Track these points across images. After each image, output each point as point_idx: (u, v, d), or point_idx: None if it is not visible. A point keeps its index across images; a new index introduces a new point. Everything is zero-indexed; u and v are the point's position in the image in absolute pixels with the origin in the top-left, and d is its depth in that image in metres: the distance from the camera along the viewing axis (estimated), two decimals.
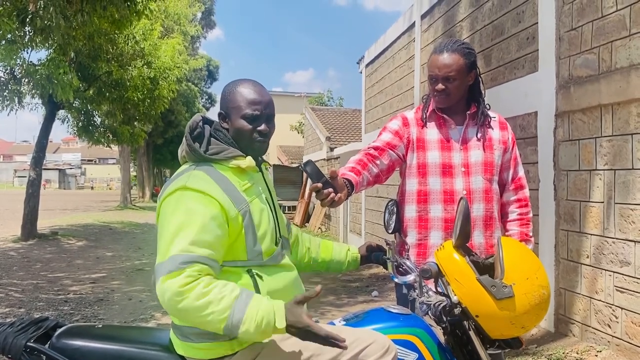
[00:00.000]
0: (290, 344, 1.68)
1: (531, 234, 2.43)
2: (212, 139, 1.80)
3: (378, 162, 2.30)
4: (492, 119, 2.40)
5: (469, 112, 2.35)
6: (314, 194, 1.94)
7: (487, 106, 2.40)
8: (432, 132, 2.35)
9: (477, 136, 2.34)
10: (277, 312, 1.57)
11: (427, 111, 2.38)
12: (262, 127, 1.78)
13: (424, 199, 2.32)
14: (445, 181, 2.30)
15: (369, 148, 2.35)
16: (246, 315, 1.55)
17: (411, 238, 2.34)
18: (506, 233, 2.43)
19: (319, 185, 1.88)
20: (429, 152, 2.33)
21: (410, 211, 2.34)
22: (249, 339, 1.59)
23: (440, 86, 2.28)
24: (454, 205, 2.23)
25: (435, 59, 2.29)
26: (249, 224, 1.70)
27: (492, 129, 2.39)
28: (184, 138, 1.79)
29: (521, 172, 2.46)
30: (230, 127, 1.80)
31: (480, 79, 2.39)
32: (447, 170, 2.31)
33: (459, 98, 2.32)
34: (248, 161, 1.77)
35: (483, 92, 2.41)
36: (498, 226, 2.38)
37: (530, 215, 2.46)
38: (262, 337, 1.59)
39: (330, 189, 1.90)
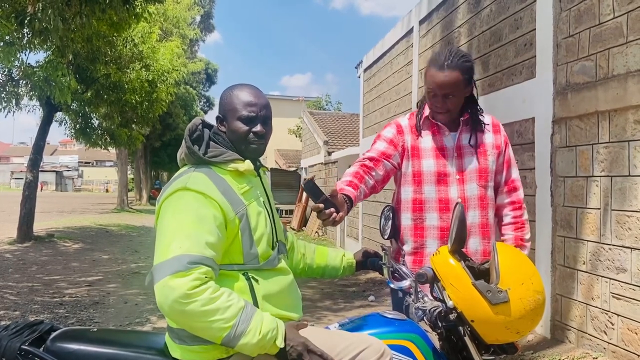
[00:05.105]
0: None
1: (527, 237, 2.39)
2: (211, 142, 1.82)
3: (374, 173, 2.29)
4: (486, 122, 2.39)
5: (462, 118, 2.33)
6: (311, 200, 1.94)
7: (480, 110, 2.38)
8: (426, 140, 2.34)
9: (470, 142, 2.33)
10: (279, 329, 1.60)
11: (421, 118, 2.37)
12: (258, 128, 1.79)
13: (419, 207, 2.31)
14: (440, 189, 2.30)
15: (364, 159, 2.33)
16: (250, 327, 1.56)
17: (407, 246, 2.33)
18: (501, 237, 2.42)
19: (321, 205, 1.88)
20: (424, 160, 2.32)
21: (406, 219, 2.34)
22: (245, 350, 1.59)
23: (439, 102, 2.27)
24: (449, 214, 2.23)
25: (436, 74, 2.24)
26: (246, 226, 1.71)
27: (486, 134, 2.37)
28: (183, 140, 1.81)
29: (515, 174, 2.42)
30: (227, 129, 1.82)
31: (474, 86, 2.37)
32: (441, 178, 2.30)
33: (457, 111, 2.33)
34: (246, 165, 1.79)
35: (476, 96, 2.38)
36: (494, 232, 2.38)
37: (525, 217, 2.43)
38: (258, 350, 1.59)
39: (332, 209, 1.89)
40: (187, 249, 1.56)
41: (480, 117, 2.37)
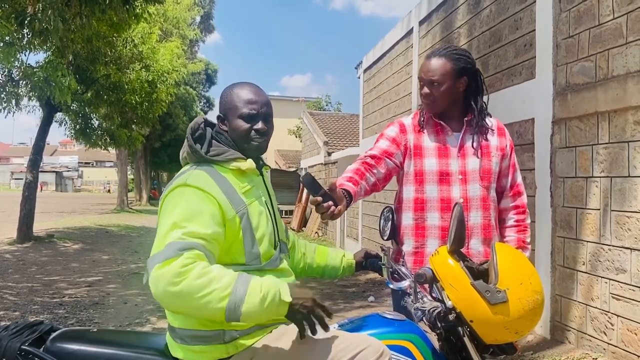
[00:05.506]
0: (283, 347, 1.68)
1: (529, 240, 2.41)
2: (213, 141, 1.82)
3: (375, 171, 2.28)
4: (491, 125, 2.38)
5: (466, 118, 2.32)
6: (310, 193, 1.94)
7: (486, 111, 2.37)
8: (429, 139, 2.33)
9: (474, 143, 2.31)
10: (281, 286, 1.57)
11: (424, 117, 2.36)
12: (259, 125, 1.80)
13: (421, 206, 2.30)
14: (442, 189, 2.28)
15: (365, 157, 2.32)
16: (250, 288, 1.54)
17: (408, 246, 2.31)
18: (503, 239, 2.41)
19: (319, 199, 1.87)
20: (426, 159, 2.30)
21: (407, 219, 2.32)
22: (253, 317, 1.56)
23: (425, 90, 2.28)
24: (450, 214, 2.22)
25: (424, 63, 2.30)
26: (247, 226, 1.71)
27: (490, 135, 2.36)
28: (185, 139, 1.81)
29: (519, 179, 2.43)
30: (229, 128, 1.82)
31: (480, 86, 2.34)
32: (444, 177, 2.28)
33: (446, 104, 2.29)
34: (248, 163, 1.79)
35: (486, 97, 2.37)
36: (496, 234, 2.36)
37: (528, 221, 2.44)
38: (266, 314, 1.56)
39: (330, 202, 1.89)
40: (179, 237, 1.56)
41: (485, 118, 2.36)
